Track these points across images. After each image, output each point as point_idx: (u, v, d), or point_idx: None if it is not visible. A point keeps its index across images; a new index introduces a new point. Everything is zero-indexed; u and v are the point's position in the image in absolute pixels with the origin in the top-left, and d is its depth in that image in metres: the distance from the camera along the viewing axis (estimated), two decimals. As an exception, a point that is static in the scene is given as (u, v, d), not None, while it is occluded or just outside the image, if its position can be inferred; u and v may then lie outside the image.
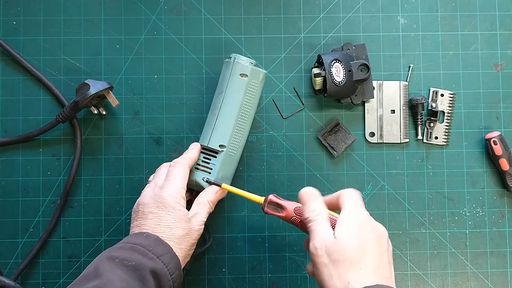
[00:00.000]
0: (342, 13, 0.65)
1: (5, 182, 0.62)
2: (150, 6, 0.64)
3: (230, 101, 0.57)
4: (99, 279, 0.44)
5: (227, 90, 0.57)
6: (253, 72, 0.57)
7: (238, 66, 0.56)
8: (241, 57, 0.57)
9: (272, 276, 0.62)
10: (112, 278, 0.44)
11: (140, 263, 0.46)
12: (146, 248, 0.47)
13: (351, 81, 0.60)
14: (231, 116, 0.57)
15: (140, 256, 0.46)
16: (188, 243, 0.51)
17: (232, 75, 0.57)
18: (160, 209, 0.51)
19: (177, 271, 0.48)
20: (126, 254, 0.46)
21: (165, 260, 0.47)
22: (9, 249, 0.61)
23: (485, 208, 0.64)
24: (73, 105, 0.59)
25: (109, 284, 0.43)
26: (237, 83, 0.57)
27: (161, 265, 0.47)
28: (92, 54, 0.64)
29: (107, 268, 0.45)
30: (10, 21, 0.64)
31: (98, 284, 0.43)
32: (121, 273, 0.45)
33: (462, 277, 0.63)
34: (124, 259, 0.46)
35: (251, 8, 0.65)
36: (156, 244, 0.48)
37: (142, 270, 0.45)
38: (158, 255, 0.47)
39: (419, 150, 0.64)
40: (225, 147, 0.57)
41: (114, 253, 0.47)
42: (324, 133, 0.63)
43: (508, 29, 0.65)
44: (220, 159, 0.57)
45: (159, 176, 0.55)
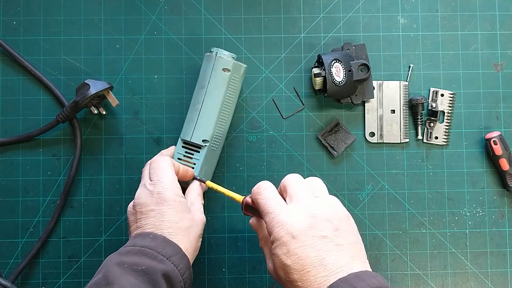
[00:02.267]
0: (342, 13, 0.65)
1: (5, 182, 0.62)
2: (150, 6, 0.64)
3: (212, 96, 0.57)
4: (108, 285, 0.43)
5: (209, 84, 0.57)
6: (235, 66, 0.57)
7: (220, 60, 0.57)
8: (223, 51, 0.57)
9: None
10: (123, 285, 0.43)
11: (150, 267, 0.44)
12: (155, 251, 0.46)
13: (351, 81, 0.60)
14: (213, 111, 0.57)
15: (150, 259, 0.45)
16: (195, 234, 0.51)
17: (214, 69, 0.57)
18: (160, 205, 0.50)
19: (187, 272, 0.47)
20: (135, 259, 0.45)
21: (175, 261, 0.46)
22: (9, 249, 0.61)
23: (485, 208, 0.64)
24: (73, 105, 0.59)
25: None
26: (220, 78, 0.57)
27: (171, 266, 0.46)
28: (92, 54, 0.64)
29: (118, 274, 0.43)
30: (10, 21, 0.64)
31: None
32: (131, 278, 0.44)
33: (462, 277, 0.63)
34: (134, 264, 0.45)
35: (251, 8, 0.65)
36: (164, 245, 0.47)
37: (153, 274, 0.44)
38: (167, 257, 0.46)
39: (419, 150, 0.64)
40: (208, 142, 0.58)
41: (124, 259, 0.45)
42: (324, 133, 0.63)
43: (508, 29, 0.65)
44: (203, 154, 0.58)
45: (145, 176, 0.54)
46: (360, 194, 0.63)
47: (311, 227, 0.43)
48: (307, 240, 0.42)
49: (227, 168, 0.63)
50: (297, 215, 0.44)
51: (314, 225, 0.43)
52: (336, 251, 0.42)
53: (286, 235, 0.43)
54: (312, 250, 0.42)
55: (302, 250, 0.42)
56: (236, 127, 0.63)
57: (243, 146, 0.63)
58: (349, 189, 0.63)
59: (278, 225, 0.44)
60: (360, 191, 0.63)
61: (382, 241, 0.63)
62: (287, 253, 0.42)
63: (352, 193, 0.63)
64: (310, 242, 0.42)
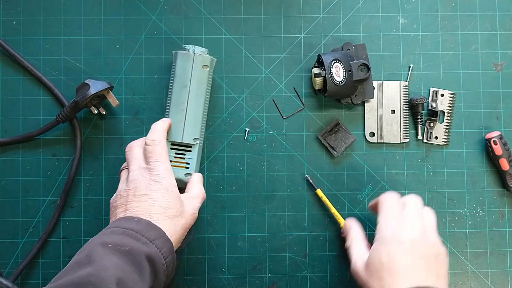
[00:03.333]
0: (342, 13, 0.65)
1: (5, 182, 0.62)
2: (150, 6, 0.64)
3: (196, 94, 0.57)
4: (92, 265, 0.42)
5: (191, 83, 0.57)
6: (212, 62, 0.59)
7: (199, 58, 0.57)
8: (198, 48, 0.58)
9: (272, 276, 0.62)
10: (106, 264, 0.42)
11: (134, 248, 0.45)
12: (139, 233, 0.46)
13: (351, 81, 0.60)
14: (199, 109, 0.58)
15: (134, 240, 0.45)
16: (182, 226, 0.51)
17: (194, 68, 0.57)
18: (153, 191, 0.50)
19: (170, 256, 0.47)
20: (119, 239, 0.45)
21: (159, 244, 0.46)
22: (9, 249, 0.61)
23: (485, 208, 0.64)
24: (73, 105, 0.59)
25: (103, 271, 0.42)
26: (201, 75, 0.57)
27: (155, 249, 0.46)
28: (92, 54, 0.64)
29: (101, 254, 0.43)
30: (10, 21, 0.64)
31: (91, 271, 0.42)
32: (115, 258, 0.43)
33: (462, 277, 0.63)
34: (118, 244, 0.44)
35: (251, 8, 0.65)
36: (148, 229, 0.47)
37: (137, 255, 0.44)
38: (151, 240, 0.46)
39: (419, 150, 0.64)
40: (198, 140, 0.58)
41: (107, 239, 0.45)
42: (324, 133, 0.63)
43: (508, 29, 0.65)
44: (196, 152, 0.58)
45: (138, 158, 0.53)
46: (360, 194, 0.63)
47: (416, 243, 0.50)
48: (409, 250, 0.49)
49: (227, 168, 0.63)
50: (409, 228, 0.51)
51: (419, 243, 0.50)
52: (425, 272, 0.48)
53: (395, 238, 0.50)
54: (408, 260, 0.49)
55: (401, 255, 0.49)
56: (236, 127, 0.63)
57: (243, 146, 0.63)
58: (349, 189, 0.63)
59: (392, 228, 0.51)
60: (360, 191, 0.63)
61: (382, 241, 0.63)
62: (389, 252, 0.49)
63: (352, 193, 0.63)
64: (410, 253, 0.49)
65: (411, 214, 0.52)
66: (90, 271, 0.42)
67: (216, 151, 0.63)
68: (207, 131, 0.63)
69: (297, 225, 0.63)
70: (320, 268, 0.62)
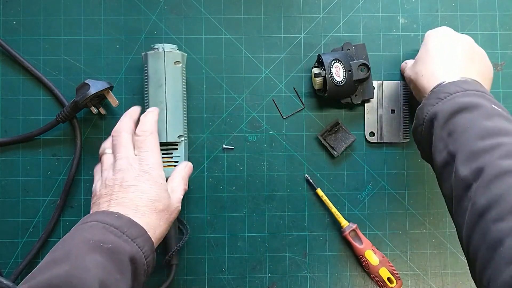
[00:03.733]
0: (342, 13, 0.65)
1: (5, 182, 0.62)
2: (150, 6, 0.64)
3: (173, 91, 0.58)
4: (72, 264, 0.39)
5: (166, 81, 0.57)
6: (183, 57, 0.59)
7: (170, 55, 0.57)
8: (167, 45, 0.58)
9: (272, 276, 0.62)
10: (88, 264, 0.40)
11: (116, 246, 0.42)
12: (120, 230, 0.44)
13: (351, 81, 0.60)
14: (178, 105, 0.58)
15: (115, 238, 0.43)
16: (166, 221, 0.50)
17: (167, 65, 0.57)
18: (142, 183, 0.49)
19: (151, 255, 0.46)
20: (100, 235, 0.42)
21: (140, 243, 0.44)
22: (9, 249, 0.61)
23: (485, 208, 0.64)
24: (73, 105, 0.59)
25: (85, 272, 0.39)
26: (174, 72, 0.58)
27: (136, 248, 0.44)
28: (92, 54, 0.64)
29: (82, 252, 0.40)
30: (10, 21, 0.64)
31: (72, 272, 0.39)
32: (97, 257, 0.41)
33: (462, 277, 0.63)
34: (100, 240, 0.42)
35: (251, 8, 0.65)
36: (129, 226, 0.45)
37: (119, 254, 0.42)
38: (132, 238, 0.44)
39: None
40: (183, 137, 0.58)
41: (87, 234, 0.42)
42: (324, 133, 0.63)
43: (508, 29, 0.65)
44: (182, 149, 0.58)
45: (126, 145, 0.52)
46: (360, 194, 0.63)
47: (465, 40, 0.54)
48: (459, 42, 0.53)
49: (227, 168, 0.63)
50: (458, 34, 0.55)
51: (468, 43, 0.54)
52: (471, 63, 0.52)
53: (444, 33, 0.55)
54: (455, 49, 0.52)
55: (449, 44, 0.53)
56: (236, 127, 0.63)
57: (243, 146, 0.63)
58: (349, 189, 0.63)
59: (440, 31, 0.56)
60: (360, 191, 0.63)
61: (382, 241, 0.63)
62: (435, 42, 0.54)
63: (352, 193, 0.63)
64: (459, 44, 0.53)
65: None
66: (70, 271, 0.39)
67: (216, 151, 0.63)
68: (207, 131, 0.63)
69: (297, 225, 0.63)
70: (320, 268, 0.62)
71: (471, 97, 0.45)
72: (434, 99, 0.47)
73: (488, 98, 0.45)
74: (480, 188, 0.40)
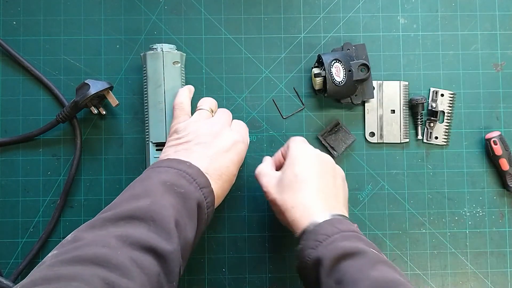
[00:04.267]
0: (342, 13, 0.65)
1: (5, 182, 0.62)
2: (150, 6, 0.64)
3: (172, 91, 0.58)
4: (152, 200, 0.42)
5: (165, 81, 0.57)
6: (182, 57, 0.59)
7: (169, 55, 0.57)
8: (166, 45, 0.58)
9: (272, 276, 0.62)
10: (164, 203, 0.42)
11: (188, 191, 0.45)
12: (192, 177, 0.46)
13: (351, 81, 0.60)
14: None
15: (188, 183, 0.45)
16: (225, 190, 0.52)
17: (165, 65, 0.57)
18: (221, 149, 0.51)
19: (211, 207, 0.48)
20: (175, 179, 0.45)
21: (206, 193, 0.47)
22: (9, 249, 0.61)
23: (485, 208, 0.64)
24: (73, 105, 0.59)
25: (161, 207, 0.42)
26: (173, 72, 0.58)
27: (202, 197, 0.46)
28: (92, 54, 0.64)
29: (160, 191, 0.43)
30: (10, 21, 0.64)
31: (152, 207, 0.41)
32: (172, 199, 0.43)
33: (462, 277, 0.63)
34: (174, 184, 0.44)
35: (251, 8, 0.65)
36: (199, 175, 0.47)
37: (189, 199, 0.45)
38: (201, 187, 0.46)
39: (419, 150, 0.64)
40: None
41: (164, 176, 0.45)
42: (324, 133, 0.63)
43: (508, 29, 0.65)
44: None
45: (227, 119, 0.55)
46: (360, 194, 0.63)
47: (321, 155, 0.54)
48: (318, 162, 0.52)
49: (227, 168, 0.63)
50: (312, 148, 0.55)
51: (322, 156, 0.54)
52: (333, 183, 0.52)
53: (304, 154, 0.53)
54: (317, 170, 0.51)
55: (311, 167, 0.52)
56: (236, 127, 0.63)
57: (243, 146, 0.63)
58: (349, 189, 0.63)
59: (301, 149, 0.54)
60: (360, 191, 0.63)
61: (382, 241, 0.63)
62: (299, 165, 0.51)
63: (352, 193, 0.63)
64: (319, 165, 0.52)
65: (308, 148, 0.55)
66: (151, 206, 0.41)
67: (216, 151, 0.63)
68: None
69: (297, 225, 0.63)
70: (320, 268, 0.62)
71: (350, 241, 0.45)
72: (313, 241, 0.46)
73: (363, 239, 0.46)
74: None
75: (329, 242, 0.45)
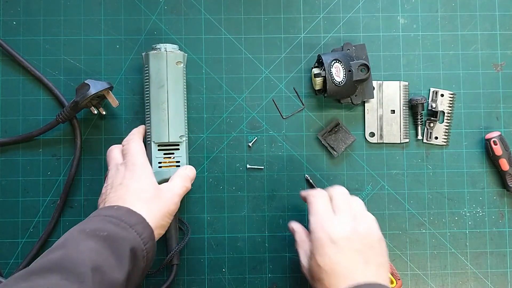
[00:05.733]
0: (342, 13, 0.65)
1: (5, 182, 0.62)
2: (150, 6, 0.64)
3: (175, 91, 0.58)
4: (65, 249, 0.42)
5: (168, 81, 0.57)
6: (184, 57, 0.59)
7: (172, 55, 0.57)
8: (169, 45, 0.58)
9: (272, 276, 0.62)
10: (81, 248, 0.42)
11: (113, 233, 0.44)
12: (118, 219, 0.46)
13: (351, 81, 0.60)
14: (180, 105, 0.58)
15: (113, 226, 0.45)
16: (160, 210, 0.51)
17: (169, 66, 0.57)
18: (128, 179, 0.51)
19: (150, 242, 0.47)
20: (97, 225, 0.45)
21: (139, 229, 0.46)
22: (9, 249, 0.61)
23: (485, 208, 0.64)
24: (73, 105, 0.59)
25: (77, 254, 0.41)
26: (176, 72, 0.58)
27: (134, 234, 0.45)
28: (92, 54, 0.64)
29: (77, 239, 0.43)
30: (10, 21, 0.64)
31: (64, 255, 0.41)
32: (91, 243, 0.43)
33: (462, 277, 0.63)
34: (96, 229, 0.44)
35: (251, 8, 0.65)
36: (128, 215, 0.47)
37: (115, 241, 0.44)
38: (131, 225, 0.46)
39: (419, 150, 0.64)
40: (184, 136, 0.58)
41: (85, 225, 0.45)
42: (324, 133, 0.63)
43: (508, 29, 0.65)
44: (184, 149, 0.59)
45: (115, 157, 0.55)
46: (360, 194, 0.63)
47: (349, 239, 0.49)
48: (343, 249, 0.48)
49: (227, 168, 0.63)
50: (340, 224, 0.50)
51: (352, 238, 0.49)
52: (364, 265, 0.48)
53: (327, 239, 0.49)
54: (344, 259, 0.47)
55: (336, 255, 0.48)
56: (236, 127, 0.63)
57: (243, 146, 0.63)
58: (349, 189, 0.63)
59: (323, 229, 0.50)
60: (360, 191, 0.63)
61: (382, 241, 0.63)
62: (323, 254, 0.48)
63: (352, 193, 0.63)
64: (345, 251, 0.48)
65: (339, 207, 0.52)
66: (62, 254, 0.41)
67: (216, 151, 0.63)
68: (207, 131, 0.63)
69: (297, 225, 0.63)
70: (320, 268, 0.62)
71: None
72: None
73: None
74: None
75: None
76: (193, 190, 0.62)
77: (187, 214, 0.62)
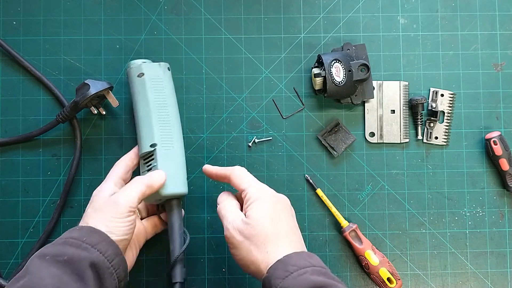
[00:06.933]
0: (342, 13, 0.65)
1: (5, 182, 0.62)
2: (150, 6, 0.64)
3: (140, 103, 0.57)
4: (27, 277, 0.42)
5: (134, 95, 0.58)
6: (148, 67, 0.58)
7: (131, 70, 0.58)
8: (135, 61, 0.58)
9: (272, 276, 0.62)
10: (41, 275, 0.42)
11: (73, 256, 0.44)
12: (79, 240, 0.45)
13: (351, 81, 0.60)
14: (147, 115, 0.57)
15: (73, 248, 0.45)
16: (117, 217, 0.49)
17: (131, 80, 0.58)
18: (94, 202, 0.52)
19: (117, 258, 0.47)
20: (57, 249, 0.45)
21: (101, 248, 0.46)
22: (9, 249, 0.61)
23: (485, 208, 0.64)
24: (73, 105, 0.59)
25: (37, 281, 0.42)
26: (138, 84, 0.58)
27: (97, 253, 0.45)
28: (92, 54, 0.64)
29: (37, 266, 0.43)
30: (10, 21, 0.64)
31: (25, 283, 0.42)
32: (53, 269, 0.43)
33: (462, 277, 0.63)
34: (56, 254, 0.44)
35: (251, 8, 0.65)
36: (89, 234, 0.46)
37: (77, 263, 0.44)
38: (92, 245, 0.45)
39: (419, 150, 0.64)
40: (156, 145, 0.56)
41: (45, 251, 0.45)
42: (324, 133, 0.63)
43: (508, 29, 0.65)
44: (157, 156, 0.55)
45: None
46: (360, 194, 0.63)
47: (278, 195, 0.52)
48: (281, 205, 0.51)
49: (227, 168, 0.63)
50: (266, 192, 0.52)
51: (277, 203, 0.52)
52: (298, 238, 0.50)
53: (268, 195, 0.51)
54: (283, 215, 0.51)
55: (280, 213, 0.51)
56: (236, 127, 0.63)
57: (243, 146, 0.63)
58: (349, 189, 0.63)
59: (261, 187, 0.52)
60: (360, 191, 0.63)
61: (382, 241, 0.63)
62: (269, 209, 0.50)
63: (352, 193, 0.63)
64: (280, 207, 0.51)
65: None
66: (25, 283, 0.42)
67: (216, 151, 0.63)
68: (207, 131, 0.63)
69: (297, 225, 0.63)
70: (320, 268, 0.62)
71: (320, 276, 0.44)
72: (282, 271, 0.45)
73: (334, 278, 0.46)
74: None
75: (300, 274, 0.44)
76: (193, 190, 0.62)
77: (187, 214, 0.62)
